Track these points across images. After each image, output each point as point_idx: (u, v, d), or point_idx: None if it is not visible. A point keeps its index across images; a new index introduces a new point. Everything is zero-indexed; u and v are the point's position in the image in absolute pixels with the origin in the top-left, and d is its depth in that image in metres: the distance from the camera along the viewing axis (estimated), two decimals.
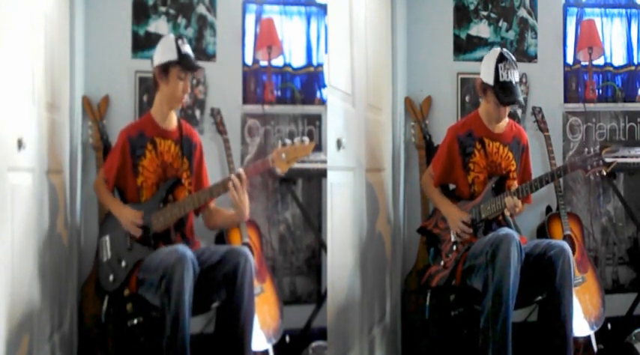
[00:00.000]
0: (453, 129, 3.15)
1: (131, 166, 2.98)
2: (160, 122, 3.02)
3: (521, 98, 3.00)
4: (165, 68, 2.94)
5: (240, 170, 2.86)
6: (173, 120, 3.05)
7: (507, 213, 2.97)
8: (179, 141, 3.04)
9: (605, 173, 2.89)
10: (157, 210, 2.92)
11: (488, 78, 2.98)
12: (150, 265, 2.80)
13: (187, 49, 2.98)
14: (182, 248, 2.71)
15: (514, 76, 2.96)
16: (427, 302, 3.18)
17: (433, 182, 3.20)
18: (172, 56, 2.93)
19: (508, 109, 3.05)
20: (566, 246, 2.86)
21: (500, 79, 2.94)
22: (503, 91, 2.95)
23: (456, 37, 3.84)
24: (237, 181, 2.82)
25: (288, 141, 2.80)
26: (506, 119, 3.13)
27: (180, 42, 2.96)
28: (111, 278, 2.92)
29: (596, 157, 2.83)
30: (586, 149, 2.88)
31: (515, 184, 3.06)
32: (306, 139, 2.80)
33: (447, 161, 3.12)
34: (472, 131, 3.10)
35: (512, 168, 3.10)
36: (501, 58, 2.97)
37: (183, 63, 2.93)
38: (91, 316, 3.31)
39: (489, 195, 3.02)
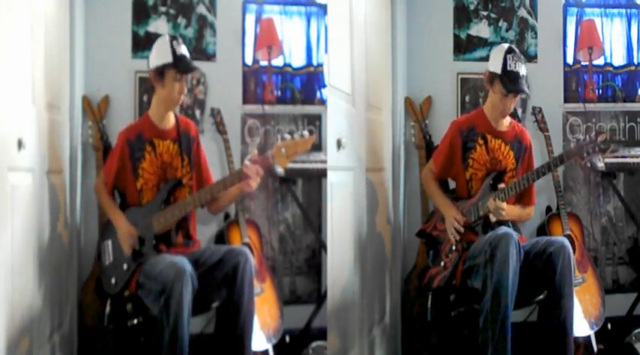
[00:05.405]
0: (456, 124, 3.15)
1: (131, 169, 2.97)
2: (158, 123, 3.01)
3: (526, 88, 3.00)
4: (160, 71, 2.91)
5: (247, 161, 2.82)
6: (170, 119, 3.04)
7: (492, 219, 2.95)
8: (177, 139, 3.02)
9: (601, 160, 2.86)
10: (159, 211, 2.92)
11: (495, 67, 2.99)
12: (150, 272, 2.79)
13: (183, 49, 2.94)
14: (181, 261, 2.69)
15: (521, 69, 2.99)
16: (429, 304, 3.18)
17: (433, 176, 3.19)
18: (167, 59, 2.89)
19: (514, 104, 3.03)
20: (566, 242, 2.84)
21: (508, 69, 2.96)
22: (510, 80, 2.96)
23: (456, 37, 3.84)
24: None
25: (287, 135, 2.78)
26: (509, 118, 3.13)
27: (175, 43, 2.92)
28: (113, 281, 2.92)
29: (591, 143, 2.81)
30: (581, 136, 2.86)
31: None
32: (306, 133, 2.77)
33: (448, 154, 3.12)
34: (475, 126, 3.09)
35: (512, 167, 3.09)
36: (510, 51, 3.00)
37: (178, 65, 2.90)
38: (91, 316, 3.32)
39: (487, 192, 3.01)
